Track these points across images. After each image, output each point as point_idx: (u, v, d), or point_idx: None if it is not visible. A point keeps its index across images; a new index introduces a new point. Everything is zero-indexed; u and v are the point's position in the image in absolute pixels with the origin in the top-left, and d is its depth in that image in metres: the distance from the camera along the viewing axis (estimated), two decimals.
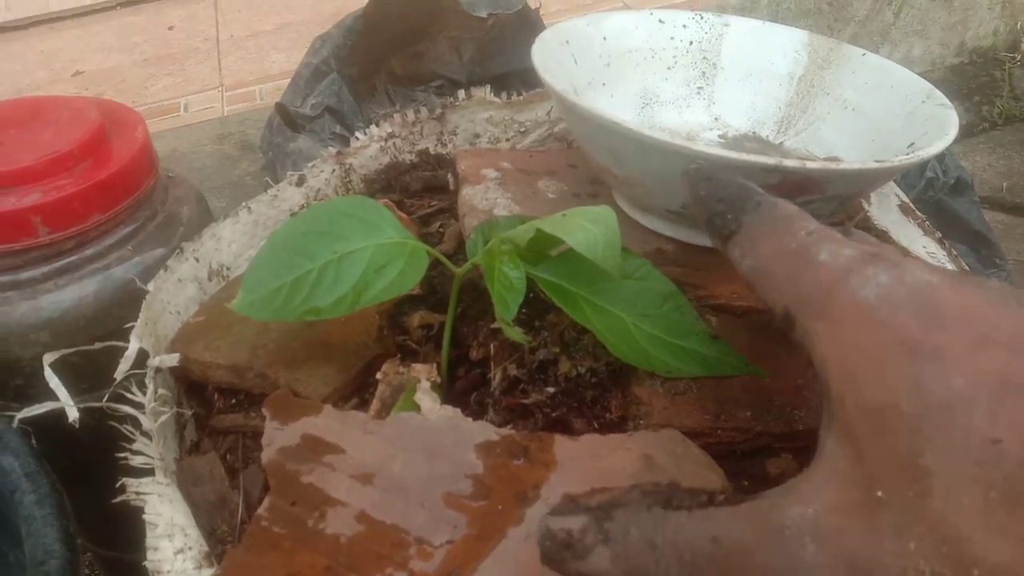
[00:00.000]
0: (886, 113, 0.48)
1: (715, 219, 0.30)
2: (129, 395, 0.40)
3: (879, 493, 0.21)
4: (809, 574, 0.22)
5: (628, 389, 0.38)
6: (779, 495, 0.24)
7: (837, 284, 0.25)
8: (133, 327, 0.42)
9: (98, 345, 0.43)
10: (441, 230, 0.55)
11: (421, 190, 0.59)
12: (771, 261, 0.27)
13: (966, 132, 1.75)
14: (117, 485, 0.35)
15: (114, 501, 0.34)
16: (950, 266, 0.47)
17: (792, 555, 0.22)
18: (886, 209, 0.51)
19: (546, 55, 0.46)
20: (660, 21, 0.54)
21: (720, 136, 0.54)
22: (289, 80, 1.01)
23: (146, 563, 0.33)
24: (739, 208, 0.29)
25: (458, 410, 0.38)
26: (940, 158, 0.96)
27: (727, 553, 0.24)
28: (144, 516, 0.34)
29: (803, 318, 0.25)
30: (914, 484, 0.21)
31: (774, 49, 0.54)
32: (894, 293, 0.23)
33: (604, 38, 0.53)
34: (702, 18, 0.55)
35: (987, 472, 0.20)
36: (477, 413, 0.40)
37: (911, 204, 0.53)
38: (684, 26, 0.55)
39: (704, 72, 0.55)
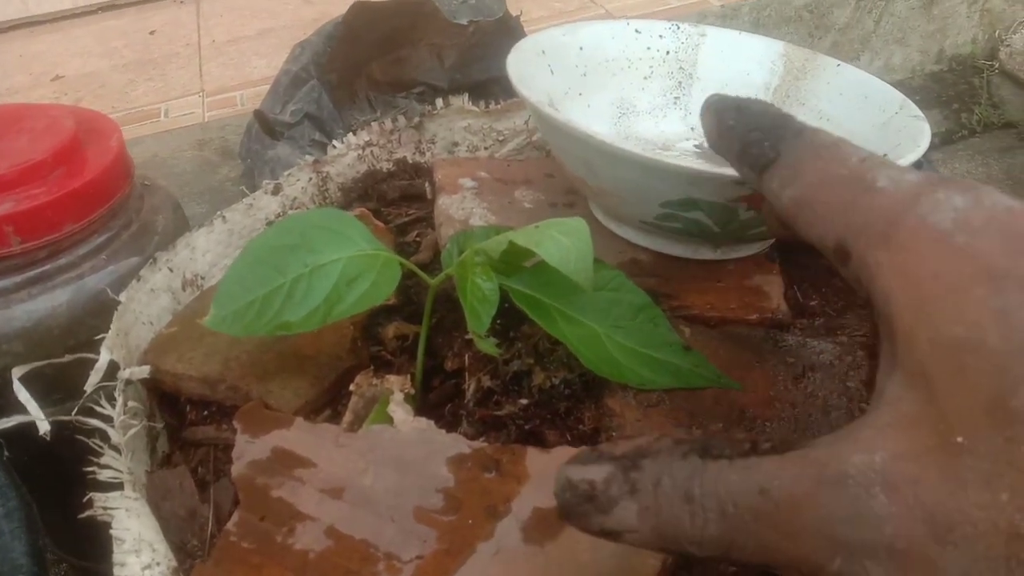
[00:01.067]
0: (860, 124, 0.48)
1: (750, 148, 0.27)
2: (99, 408, 0.39)
3: (959, 438, 0.19)
4: (880, 529, 0.20)
5: (601, 401, 0.38)
6: (835, 442, 0.21)
7: (904, 210, 0.22)
8: (104, 338, 0.42)
9: (68, 357, 0.43)
10: (418, 239, 0.55)
11: (398, 199, 0.59)
12: (819, 190, 0.24)
13: (945, 139, 1.77)
14: (85, 500, 0.35)
15: (80, 516, 0.34)
16: None
17: (859, 507, 0.20)
18: None
19: (522, 65, 0.46)
20: (637, 31, 0.55)
21: (696, 146, 0.54)
22: (269, 86, 1.01)
23: None
24: (777, 135, 0.26)
25: (431, 422, 0.38)
26: (917, 166, 0.96)
27: (777, 505, 0.21)
28: (111, 531, 0.34)
29: (861, 249, 0.23)
30: (1005, 429, 0.19)
31: (750, 59, 0.54)
32: (972, 217, 0.21)
33: (581, 48, 0.53)
34: (679, 28, 0.55)
35: None
36: (451, 424, 0.40)
37: None
38: (661, 36, 0.55)
39: (681, 82, 0.55)
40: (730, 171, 0.36)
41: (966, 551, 0.19)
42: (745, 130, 0.27)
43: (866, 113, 0.48)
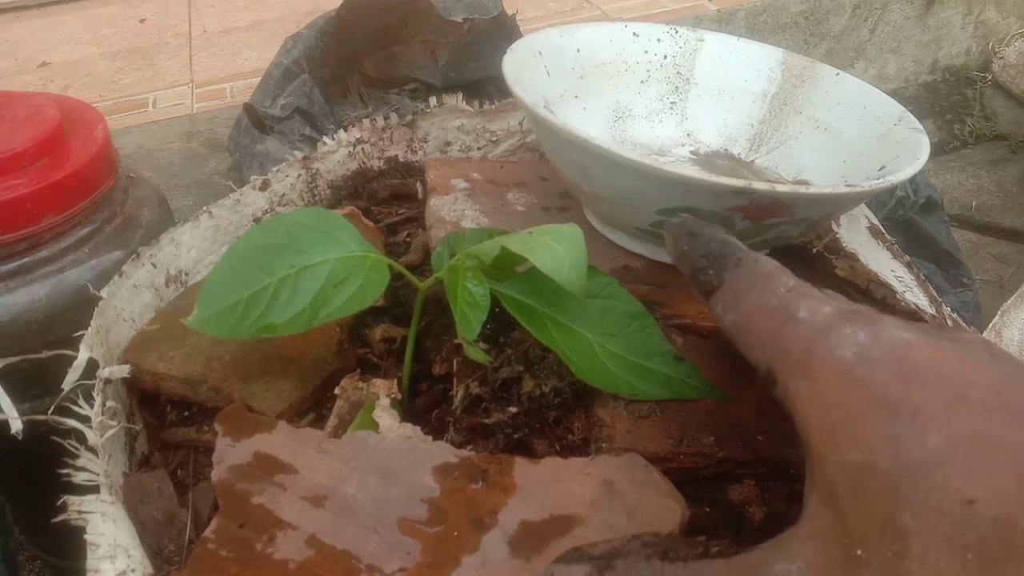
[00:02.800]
0: (858, 134, 0.48)
1: (698, 275, 0.30)
2: (77, 407, 0.38)
3: (859, 552, 0.22)
4: None
5: (591, 411, 0.37)
6: (769, 549, 0.24)
7: (816, 342, 0.25)
8: (84, 335, 0.41)
9: (46, 354, 0.42)
10: (408, 239, 0.54)
11: (389, 198, 0.58)
12: (752, 317, 0.28)
13: (937, 150, 1.77)
14: (59, 503, 0.34)
15: (54, 521, 0.33)
16: (917, 289, 0.47)
17: None
18: (855, 231, 0.51)
19: (518, 67, 0.46)
20: (634, 34, 0.54)
21: (692, 152, 0.53)
22: (260, 79, 1.00)
23: None
24: (721, 264, 0.29)
25: (418, 428, 0.37)
26: (910, 178, 0.97)
27: None
28: (86, 536, 0.33)
29: (784, 376, 0.26)
30: (892, 544, 0.21)
31: (748, 66, 0.54)
32: (872, 351, 0.24)
33: (578, 50, 0.52)
34: (677, 32, 0.54)
35: (963, 533, 0.20)
36: (437, 431, 0.39)
37: (880, 226, 0.52)
38: (658, 40, 0.54)
39: (677, 87, 0.54)
40: (728, 179, 0.35)
41: None
42: (695, 256, 0.30)
43: (864, 123, 0.48)
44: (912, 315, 0.43)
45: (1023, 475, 0.20)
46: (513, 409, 0.38)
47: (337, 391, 0.40)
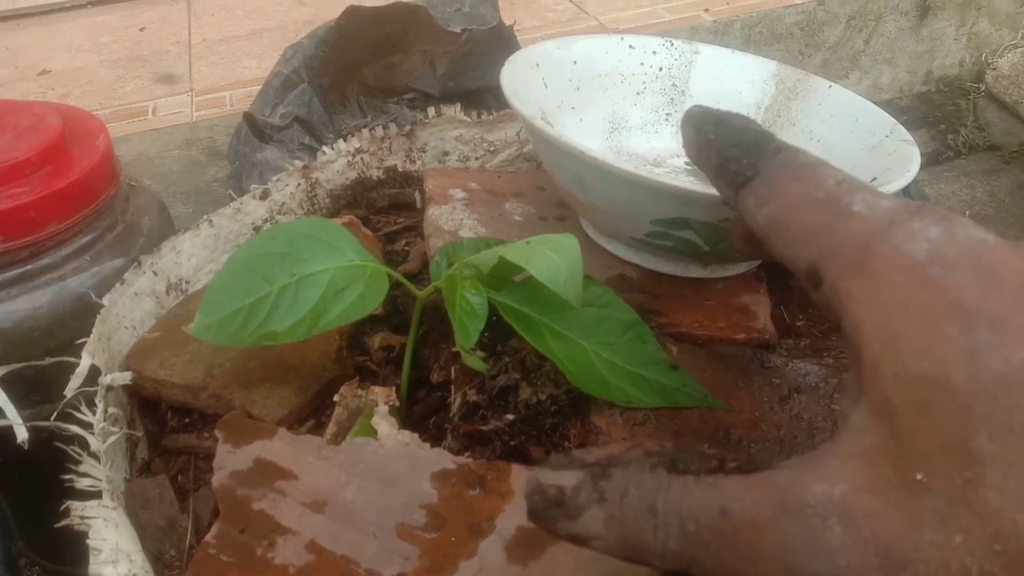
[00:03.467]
0: (850, 146, 0.48)
1: (728, 164, 0.26)
2: (79, 414, 0.39)
3: (918, 476, 0.19)
4: (833, 561, 0.20)
5: (587, 418, 0.38)
6: (799, 468, 0.22)
7: (877, 237, 0.22)
8: (86, 342, 0.41)
9: (49, 360, 0.42)
10: (406, 248, 0.54)
11: (388, 207, 0.58)
12: (795, 211, 0.24)
13: (931, 160, 1.79)
14: (62, 508, 0.34)
15: (57, 526, 0.33)
16: None
17: (815, 538, 0.20)
18: None
19: (515, 78, 0.46)
20: (631, 47, 0.55)
21: (687, 163, 0.54)
22: (259, 88, 1.00)
23: None
24: (756, 152, 0.26)
25: (416, 435, 0.37)
26: (904, 188, 0.97)
27: (737, 527, 0.21)
28: (88, 541, 0.33)
29: (834, 275, 0.23)
30: (963, 470, 0.19)
31: (742, 78, 0.54)
32: (946, 249, 0.21)
33: (574, 62, 0.53)
34: (672, 45, 0.55)
35: None
36: (435, 438, 0.39)
37: None
38: (654, 52, 0.55)
39: (673, 99, 0.55)
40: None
41: None
42: (724, 145, 0.27)
43: (857, 136, 0.48)
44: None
45: None
46: (510, 416, 0.39)
47: (336, 398, 0.40)
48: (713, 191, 0.36)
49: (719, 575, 0.22)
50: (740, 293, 0.45)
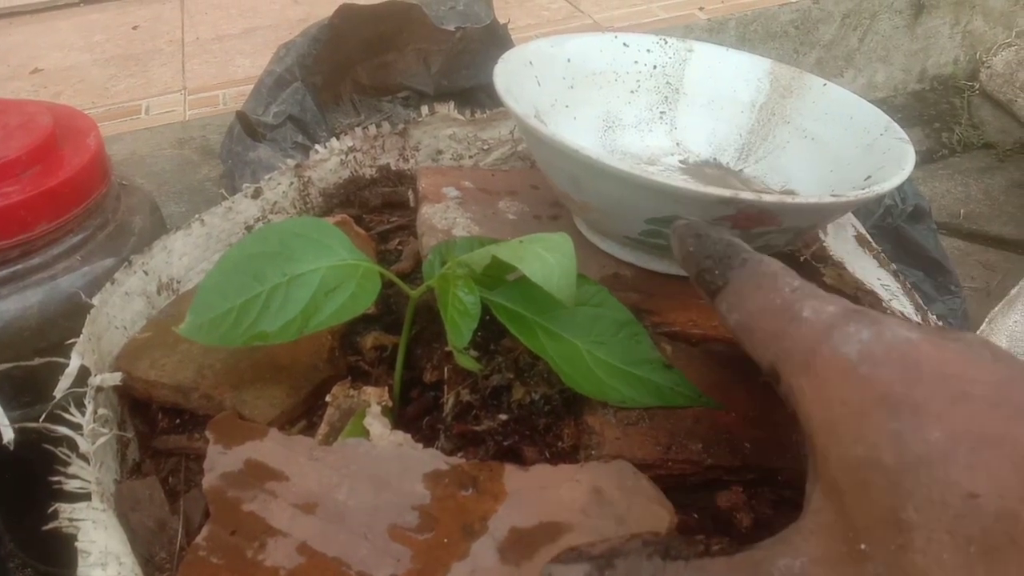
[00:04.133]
0: (845, 144, 0.48)
1: (703, 275, 0.30)
2: (68, 415, 0.38)
3: (862, 546, 0.22)
4: None
5: (581, 418, 0.38)
6: (771, 546, 0.25)
7: (820, 340, 0.25)
8: (75, 342, 0.41)
9: (38, 361, 0.42)
10: (400, 247, 0.54)
11: (381, 206, 0.58)
12: (757, 317, 0.28)
13: (925, 158, 1.79)
14: (50, 510, 0.34)
15: (45, 528, 0.33)
16: (904, 297, 0.48)
17: None
18: (842, 240, 0.51)
19: (509, 76, 0.46)
20: (624, 44, 0.54)
21: (681, 161, 0.54)
22: (252, 87, 1.00)
23: None
24: (726, 264, 0.30)
25: (408, 436, 0.37)
26: (898, 186, 0.98)
27: None
28: (77, 544, 0.33)
29: (788, 374, 0.26)
30: (896, 537, 0.21)
31: (737, 76, 0.54)
32: (875, 349, 0.24)
33: (568, 60, 0.52)
34: (666, 43, 0.55)
35: (966, 526, 0.20)
36: (428, 438, 0.39)
37: (867, 235, 0.53)
38: (648, 50, 0.55)
39: (667, 97, 0.55)
40: (715, 189, 0.35)
41: None
42: (700, 257, 0.31)
43: (851, 134, 0.48)
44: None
45: None
46: (503, 416, 0.38)
47: (328, 399, 0.40)
48: (706, 189, 0.36)
49: None
50: None
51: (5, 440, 0.38)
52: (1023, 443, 0.21)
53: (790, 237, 0.41)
